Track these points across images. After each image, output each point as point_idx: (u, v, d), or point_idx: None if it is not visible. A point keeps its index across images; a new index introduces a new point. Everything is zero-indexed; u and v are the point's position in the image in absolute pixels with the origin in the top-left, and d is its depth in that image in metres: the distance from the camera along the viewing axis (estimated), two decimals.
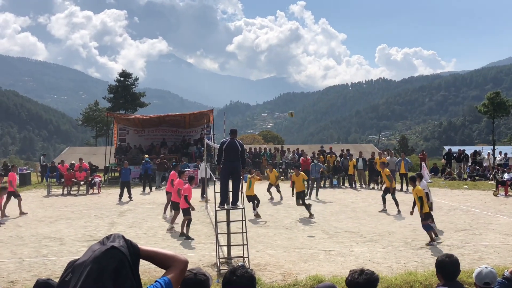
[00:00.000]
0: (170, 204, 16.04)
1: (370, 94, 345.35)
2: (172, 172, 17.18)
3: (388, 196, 18.06)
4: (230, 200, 11.16)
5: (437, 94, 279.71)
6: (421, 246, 12.05)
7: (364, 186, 26.62)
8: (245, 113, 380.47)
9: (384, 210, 17.68)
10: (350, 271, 3.31)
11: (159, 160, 27.77)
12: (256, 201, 17.10)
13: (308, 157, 27.15)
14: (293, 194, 19.35)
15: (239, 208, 11.07)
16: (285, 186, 24.23)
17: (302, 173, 17.56)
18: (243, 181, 12.48)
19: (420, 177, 13.76)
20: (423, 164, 30.41)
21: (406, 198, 21.51)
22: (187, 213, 13.64)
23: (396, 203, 17.46)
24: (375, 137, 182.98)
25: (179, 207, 14.12)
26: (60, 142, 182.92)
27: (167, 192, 17.26)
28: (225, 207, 11.05)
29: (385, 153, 28.92)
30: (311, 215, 16.40)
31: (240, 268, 2.91)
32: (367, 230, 14.26)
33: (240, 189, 11.24)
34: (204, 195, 20.53)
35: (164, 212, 17.30)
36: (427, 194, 14.29)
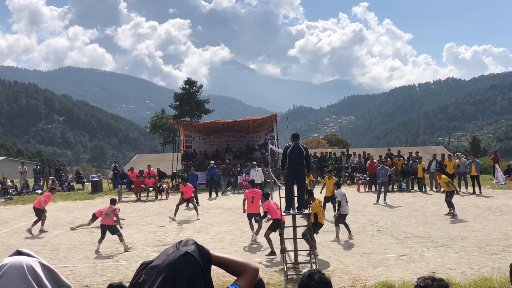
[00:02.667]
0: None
1: (439, 95, 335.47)
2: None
3: (456, 200, 17.49)
4: (296, 205, 11.16)
5: (510, 92, 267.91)
6: (496, 251, 11.57)
7: (435, 189, 25.85)
8: (308, 117, 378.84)
9: (450, 213, 17.13)
10: (418, 278, 3.22)
11: (224, 166, 28.13)
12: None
13: (375, 160, 26.70)
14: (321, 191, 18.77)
15: (305, 213, 11.05)
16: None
17: (335, 177, 17.48)
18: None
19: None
20: (497, 166, 29.24)
21: (479, 202, 20.75)
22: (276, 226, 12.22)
23: (451, 206, 17.20)
24: (445, 138, 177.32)
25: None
26: (129, 149, 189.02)
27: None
28: (291, 212, 11.06)
29: (455, 155, 28.01)
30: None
31: (318, 273, 2.91)
32: (439, 234, 13.84)
33: (305, 194, 11.22)
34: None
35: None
36: (339, 202, 13.93)
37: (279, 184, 12.41)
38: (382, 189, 21.78)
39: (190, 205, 20.64)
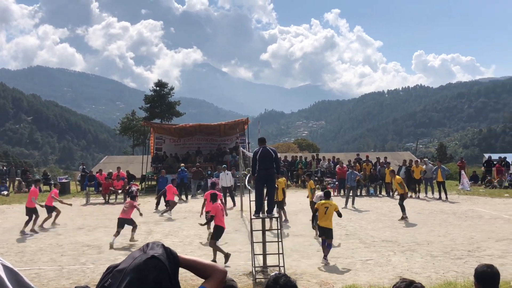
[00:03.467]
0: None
1: (407, 102, 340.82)
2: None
3: (422, 205, 17.79)
4: (266, 208, 11.19)
5: (476, 100, 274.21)
6: (461, 255, 11.81)
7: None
8: (280, 121, 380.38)
9: (404, 218, 17.46)
10: (399, 279, 3.20)
11: (195, 169, 28.02)
12: None
13: (344, 165, 26.97)
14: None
15: (274, 217, 11.08)
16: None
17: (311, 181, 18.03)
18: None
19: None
20: (462, 172, 29.86)
21: (445, 207, 21.14)
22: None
23: (403, 210, 17.61)
24: (413, 144, 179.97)
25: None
26: (98, 151, 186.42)
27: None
28: (260, 215, 11.08)
29: (422, 160, 28.50)
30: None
31: (283, 277, 2.90)
32: (405, 239, 14.05)
33: (275, 198, 11.25)
34: (226, 204, 20.71)
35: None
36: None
37: (249, 188, 12.42)
38: (351, 194, 22.03)
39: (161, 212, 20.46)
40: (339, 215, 12.04)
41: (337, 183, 26.96)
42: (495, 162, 33.07)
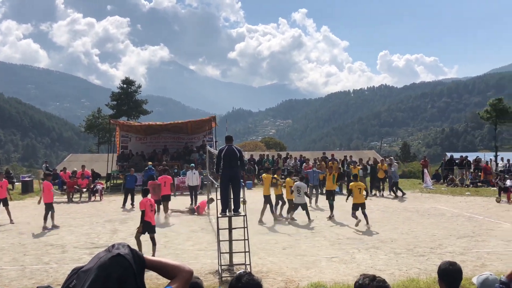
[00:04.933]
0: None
1: (372, 101, 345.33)
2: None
3: (387, 203, 18.07)
4: (232, 207, 11.19)
5: (439, 100, 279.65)
6: (423, 252, 12.04)
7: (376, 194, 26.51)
8: (247, 119, 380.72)
9: (331, 216, 17.74)
10: (361, 275, 3.19)
11: (161, 167, 27.77)
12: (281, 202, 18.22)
13: (310, 163, 27.18)
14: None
15: (240, 215, 11.08)
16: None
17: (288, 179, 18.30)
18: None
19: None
20: (425, 170, 30.43)
21: (408, 205, 21.52)
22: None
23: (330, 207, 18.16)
24: (377, 143, 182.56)
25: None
26: (63, 149, 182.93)
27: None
28: (227, 214, 11.07)
29: (387, 159, 28.92)
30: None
31: (246, 275, 2.88)
32: (369, 237, 14.25)
33: (241, 196, 11.27)
34: (192, 204, 20.64)
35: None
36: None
37: (216, 185, 12.41)
38: (314, 192, 22.21)
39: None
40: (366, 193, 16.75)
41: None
42: (457, 161, 33.82)
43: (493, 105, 46.21)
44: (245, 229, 10.64)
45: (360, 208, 16.10)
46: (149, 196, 12.70)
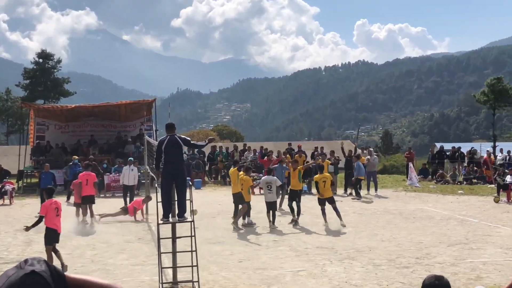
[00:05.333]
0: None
1: (347, 80, 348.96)
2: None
3: (363, 205, 18.34)
4: (176, 211, 11.14)
5: (428, 80, 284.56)
6: (408, 263, 12.27)
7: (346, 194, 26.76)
8: (195, 103, 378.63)
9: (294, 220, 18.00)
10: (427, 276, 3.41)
11: (87, 163, 27.36)
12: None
13: (274, 156, 27.25)
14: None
15: (187, 221, 11.03)
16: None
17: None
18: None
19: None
20: (410, 165, 30.81)
21: (389, 206, 21.90)
22: None
23: (291, 211, 18.24)
24: (354, 132, 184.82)
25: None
26: None
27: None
28: (170, 220, 11.01)
29: (365, 151, 29.29)
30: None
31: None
32: (343, 245, 14.43)
33: (188, 197, 11.20)
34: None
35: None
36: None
37: (156, 185, 12.31)
38: (280, 192, 22.15)
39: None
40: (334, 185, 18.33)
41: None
42: (448, 153, 34.51)
43: (491, 86, 46.99)
44: (193, 238, 10.61)
45: (327, 203, 17.42)
46: (53, 198, 12.69)
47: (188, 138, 11.77)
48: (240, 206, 17.50)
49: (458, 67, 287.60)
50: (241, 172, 17.89)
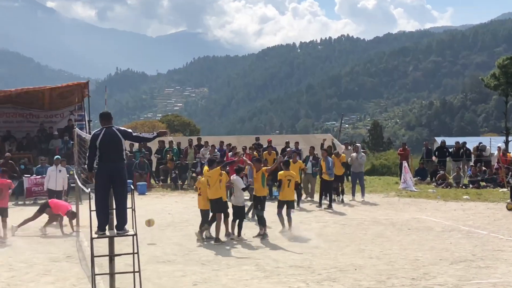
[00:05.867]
0: None
1: (328, 60, 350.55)
2: None
3: (350, 213, 18.40)
4: (115, 222, 11.05)
5: (426, 60, 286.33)
6: (401, 285, 12.33)
7: (309, 198, 26.74)
8: (139, 87, 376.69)
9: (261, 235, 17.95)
10: None
11: (3, 162, 27.06)
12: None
13: (244, 153, 27.11)
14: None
15: (128, 235, 10.95)
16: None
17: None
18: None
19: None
20: (405, 164, 30.95)
21: (379, 215, 22.02)
22: None
23: (262, 223, 18.06)
24: (336, 124, 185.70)
25: None
26: None
27: None
28: (107, 233, 10.91)
29: (350, 147, 29.42)
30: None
31: None
32: (323, 263, 14.44)
33: (129, 205, 11.11)
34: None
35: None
36: None
37: (89, 190, 12.17)
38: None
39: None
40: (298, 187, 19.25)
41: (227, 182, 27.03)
42: (450, 150, 34.67)
43: (503, 67, 46.98)
44: (136, 255, 10.55)
45: (286, 207, 18.22)
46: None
47: (130, 130, 11.64)
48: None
49: (463, 44, 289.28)
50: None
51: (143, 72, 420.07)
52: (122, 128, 11.47)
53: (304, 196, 26.71)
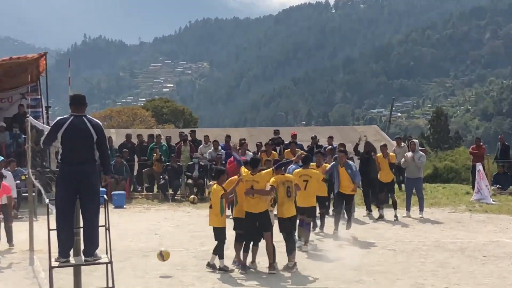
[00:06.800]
0: None
1: (374, 24, 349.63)
2: None
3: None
4: (82, 246, 11.07)
5: (509, 22, 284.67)
6: None
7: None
8: (115, 61, 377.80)
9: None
10: None
11: None
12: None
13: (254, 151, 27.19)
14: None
15: (100, 263, 10.98)
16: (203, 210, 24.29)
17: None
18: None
19: None
20: (479, 167, 30.82)
21: (442, 237, 21.97)
22: None
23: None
24: (383, 111, 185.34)
25: None
26: None
27: None
28: (71, 261, 10.93)
29: (403, 144, 29.35)
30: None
31: None
32: None
33: (102, 222, 11.13)
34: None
35: None
36: None
37: (47, 201, 12.20)
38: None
39: None
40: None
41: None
42: None
43: None
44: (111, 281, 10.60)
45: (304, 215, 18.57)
46: None
47: (101, 125, 11.52)
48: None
49: None
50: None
51: (120, 40, 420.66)
52: (95, 120, 11.38)
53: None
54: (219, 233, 16.96)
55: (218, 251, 16.87)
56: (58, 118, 11.49)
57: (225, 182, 16.93)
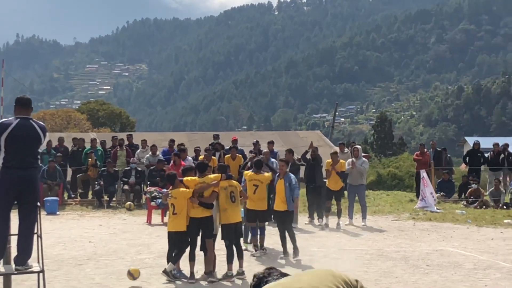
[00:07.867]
0: None
1: (318, 27, 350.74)
2: None
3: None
4: (14, 254, 10.98)
5: (454, 28, 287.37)
6: None
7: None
8: (49, 62, 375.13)
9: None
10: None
11: None
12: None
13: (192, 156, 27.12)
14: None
15: (32, 272, 10.90)
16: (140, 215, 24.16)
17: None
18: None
19: None
20: (424, 174, 31.00)
21: (385, 245, 22.11)
22: None
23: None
24: (326, 116, 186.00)
25: None
26: None
27: None
28: (1, 269, 10.83)
29: (346, 150, 29.45)
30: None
31: None
32: None
33: (36, 230, 11.04)
34: None
35: None
36: None
37: None
38: None
39: None
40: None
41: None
42: (486, 154, 34.74)
43: None
44: None
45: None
46: None
47: (45, 128, 11.47)
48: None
49: (507, 7, 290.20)
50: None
51: (54, 40, 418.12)
52: (42, 124, 11.31)
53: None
54: (182, 238, 16.85)
55: (175, 258, 16.77)
56: (2, 121, 11.40)
57: (180, 185, 16.85)
